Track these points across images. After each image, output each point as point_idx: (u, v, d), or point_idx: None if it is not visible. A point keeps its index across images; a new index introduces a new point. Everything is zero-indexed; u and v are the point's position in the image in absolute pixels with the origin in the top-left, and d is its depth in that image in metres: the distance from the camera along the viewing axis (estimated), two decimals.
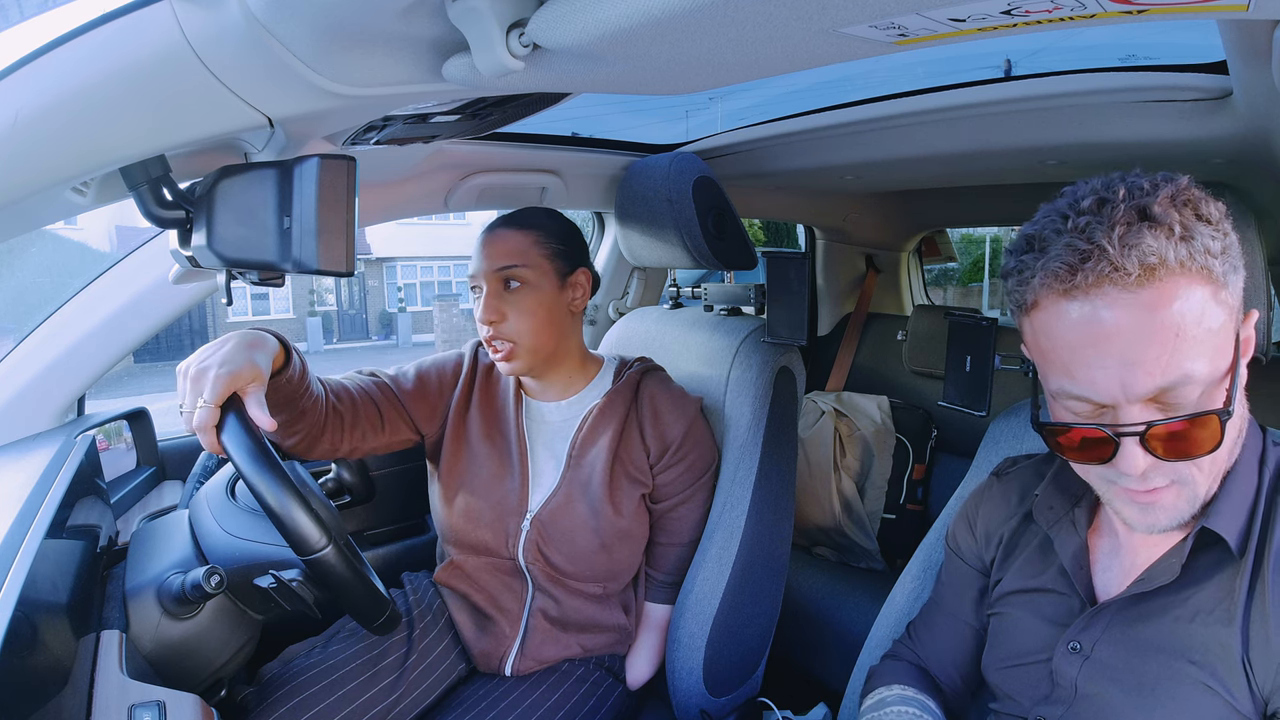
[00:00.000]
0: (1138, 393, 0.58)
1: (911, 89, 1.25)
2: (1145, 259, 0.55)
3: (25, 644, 0.60)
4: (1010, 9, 0.51)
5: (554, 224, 1.22)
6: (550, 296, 1.18)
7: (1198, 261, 0.56)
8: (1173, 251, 0.56)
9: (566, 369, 1.25)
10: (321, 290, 19.01)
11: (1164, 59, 0.97)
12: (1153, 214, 0.57)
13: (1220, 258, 0.57)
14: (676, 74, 0.67)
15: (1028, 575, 0.80)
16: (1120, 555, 0.74)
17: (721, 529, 1.26)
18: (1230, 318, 0.59)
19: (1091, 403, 0.61)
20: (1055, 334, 0.61)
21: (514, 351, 1.16)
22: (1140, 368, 0.57)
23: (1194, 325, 0.56)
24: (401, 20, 0.59)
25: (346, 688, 1.10)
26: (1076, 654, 0.71)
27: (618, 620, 1.24)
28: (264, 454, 0.85)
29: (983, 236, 18.36)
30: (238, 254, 0.75)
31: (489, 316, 1.15)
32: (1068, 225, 0.59)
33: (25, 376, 1.17)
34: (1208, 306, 0.57)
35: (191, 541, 0.97)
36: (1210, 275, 0.57)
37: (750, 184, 1.80)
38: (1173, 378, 0.57)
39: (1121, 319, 0.57)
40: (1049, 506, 0.79)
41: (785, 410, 1.34)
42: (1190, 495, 0.63)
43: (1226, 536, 0.63)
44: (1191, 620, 0.65)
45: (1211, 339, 0.58)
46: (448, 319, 15.67)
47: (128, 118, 0.63)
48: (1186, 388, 0.57)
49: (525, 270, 1.15)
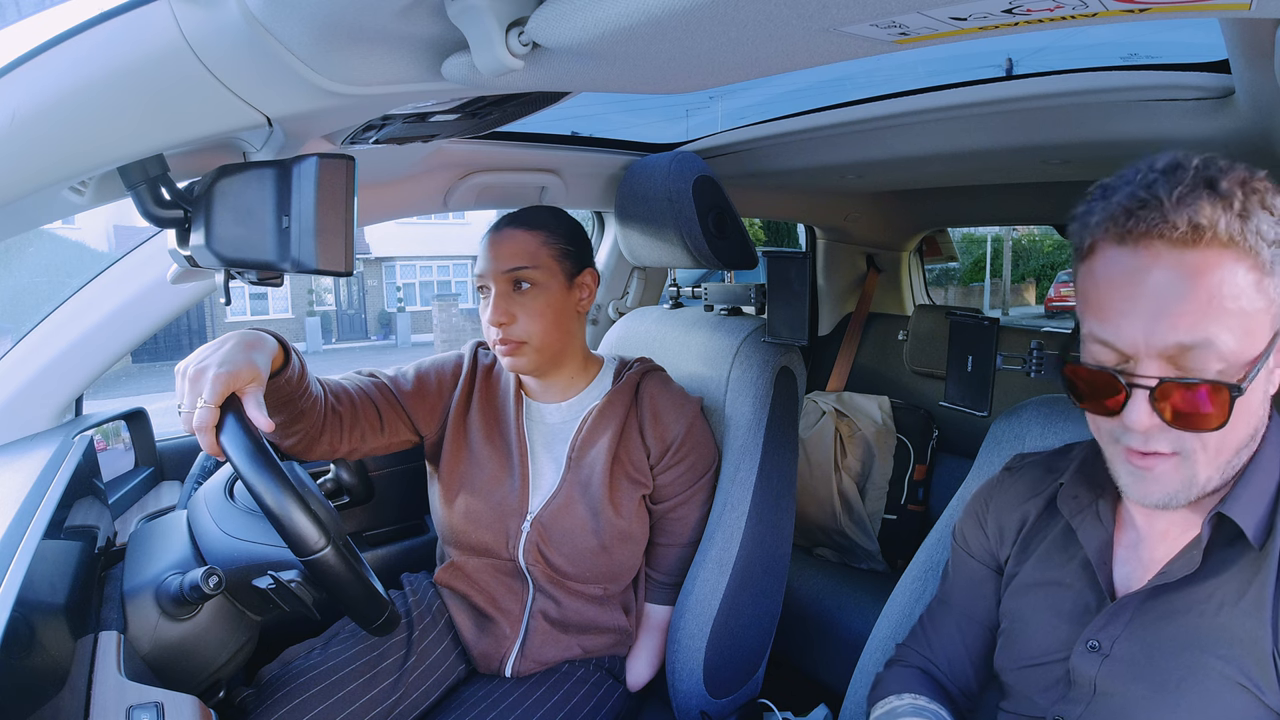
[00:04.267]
0: (1158, 345, 0.59)
1: (913, 88, 1.25)
2: (1195, 219, 0.57)
3: (23, 645, 0.60)
4: (1012, 8, 0.50)
5: (561, 224, 1.21)
6: (559, 297, 1.17)
7: (1248, 241, 0.57)
8: (1224, 222, 0.57)
9: (569, 370, 1.25)
10: (320, 290, 19.01)
11: (1166, 58, 0.97)
12: (1218, 185, 0.58)
13: (1273, 247, 0.58)
14: (676, 73, 0.67)
15: (1048, 567, 0.79)
16: (1140, 550, 0.73)
17: (722, 530, 1.26)
18: (1269, 309, 0.60)
19: (1115, 350, 0.62)
20: (1099, 276, 0.63)
21: (522, 349, 1.16)
22: (1166, 321, 0.58)
23: (1230, 299, 0.57)
24: (400, 19, 0.59)
25: (346, 689, 1.10)
26: (1095, 652, 0.70)
27: (618, 622, 1.24)
28: (262, 454, 0.85)
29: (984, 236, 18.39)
30: (236, 254, 0.74)
31: (499, 318, 1.14)
32: (1137, 179, 0.61)
33: (23, 376, 1.17)
34: (1248, 287, 0.58)
35: (190, 542, 0.97)
36: (1258, 259, 0.58)
37: (750, 183, 1.80)
38: (1195, 338, 0.58)
39: (1161, 273, 0.58)
40: (1073, 496, 0.79)
41: (786, 410, 1.34)
42: (1188, 474, 0.63)
43: (1242, 524, 0.63)
44: (1216, 614, 0.64)
45: (1244, 319, 0.58)
46: (447, 319, 15.65)
47: (126, 117, 0.63)
48: (1206, 353, 0.58)
49: (534, 271, 1.15)
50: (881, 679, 0.91)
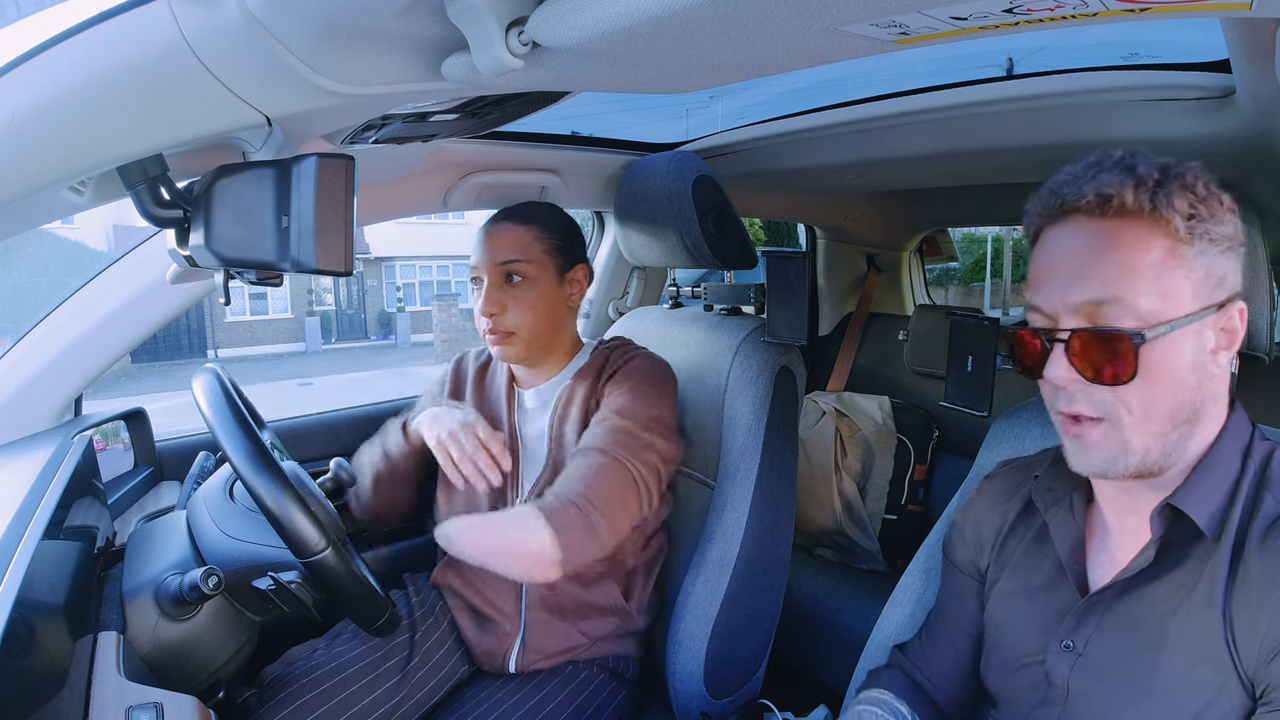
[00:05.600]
0: (1073, 302, 0.64)
1: (913, 88, 1.25)
2: (1102, 190, 0.62)
3: (22, 646, 0.60)
4: (1012, 7, 0.50)
5: (555, 219, 1.23)
6: (550, 291, 1.20)
7: (1160, 212, 0.61)
8: (1132, 194, 0.62)
9: (555, 359, 1.27)
10: (320, 290, 18.99)
11: (1167, 57, 0.97)
12: (1135, 169, 0.63)
13: (1191, 220, 0.61)
14: (676, 72, 0.67)
15: (1025, 569, 0.80)
16: (1111, 548, 0.74)
17: (722, 530, 1.25)
18: (1189, 276, 0.62)
19: (1042, 313, 0.67)
20: (1037, 255, 0.69)
21: (511, 340, 1.18)
22: (1079, 282, 0.64)
23: (1144, 264, 0.62)
24: (400, 18, 0.59)
25: (349, 690, 1.10)
26: (1069, 652, 0.71)
27: (614, 600, 1.21)
28: (262, 455, 0.85)
29: (984, 236, 18.37)
30: (235, 253, 0.74)
31: (490, 309, 1.17)
32: (1067, 170, 0.67)
33: (22, 376, 1.17)
34: (1161, 253, 0.62)
35: (189, 542, 0.97)
36: (1170, 227, 0.61)
37: (750, 183, 1.80)
38: (1106, 294, 0.62)
39: (1080, 240, 0.64)
40: (1048, 488, 0.80)
41: (786, 410, 1.34)
42: (1120, 440, 0.65)
43: (1194, 515, 0.65)
44: (1177, 610, 0.65)
45: (1157, 282, 0.62)
46: (446, 319, 15.63)
47: (125, 116, 0.62)
48: (1119, 309, 0.62)
49: (527, 265, 1.17)
50: (872, 675, 0.93)
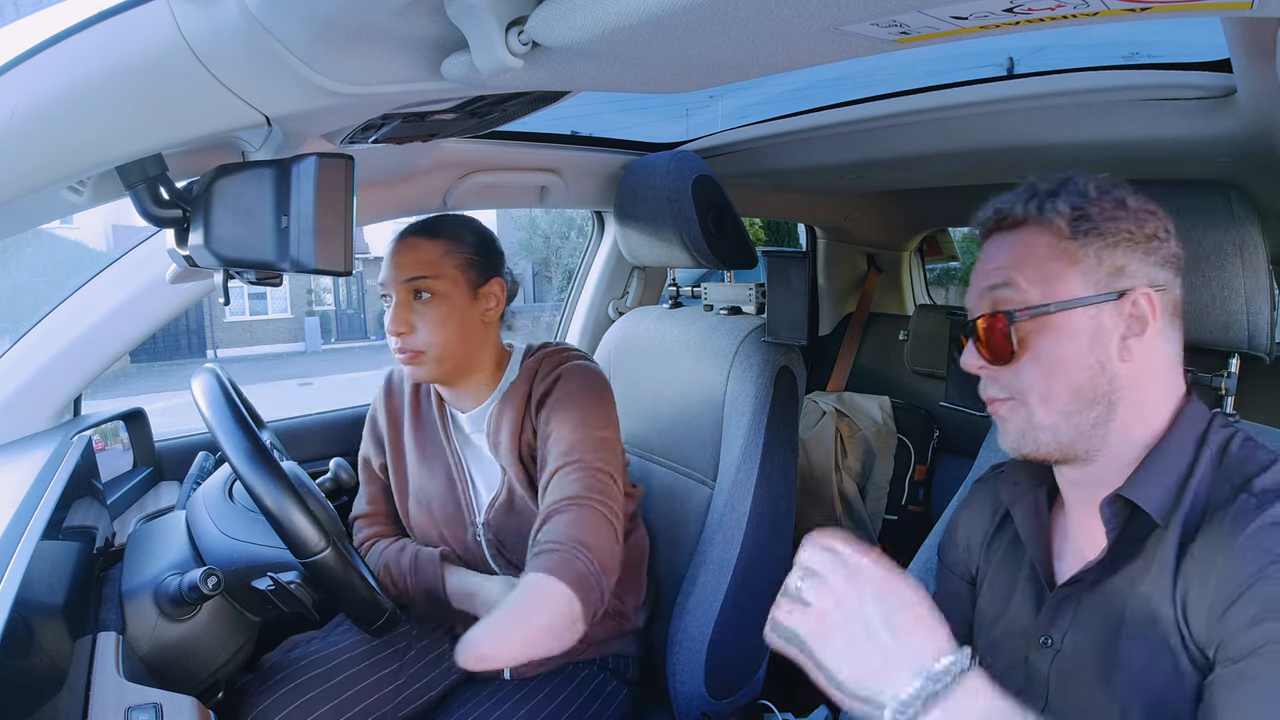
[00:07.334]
0: (977, 291, 0.75)
1: (913, 87, 1.24)
2: (999, 208, 0.75)
3: (21, 646, 0.59)
4: (1013, 7, 0.50)
5: (468, 232, 1.16)
6: (461, 308, 1.13)
7: (1045, 216, 0.71)
8: (1021, 207, 0.73)
9: (480, 377, 1.19)
10: (319, 290, 18.97)
11: (1167, 57, 0.97)
12: (1034, 186, 0.74)
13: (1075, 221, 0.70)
14: (676, 72, 0.67)
15: (1006, 569, 0.81)
16: (1078, 543, 0.76)
17: (722, 530, 1.25)
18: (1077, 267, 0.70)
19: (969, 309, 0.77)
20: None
21: (420, 359, 1.12)
22: (984, 276, 0.75)
23: (1028, 256, 0.72)
24: (400, 18, 0.59)
25: (345, 674, 1.11)
26: (1048, 648, 0.73)
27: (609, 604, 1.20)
28: (262, 455, 0.85)
29: None
30: (235, 253, 0.74)
31: (397, 328, 1.10)
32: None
33: (21, 376, 1.17)
34: (1046, 247, 0.71)
35: (189, 543, 0.97)
36: (1055, 228, 0.71)
37: (750, 183, 1.79)
38: (999, 279, 0.73)
39: (990, 249, 0.76)
40: (1014, 482, 0.82)
41: (786, 410, 1.34)
42: (1026, 416, 0.71)
43: (1142, 503, 0.67)
44: (1135, 597, 0.67)
45: (1042, 270, 0.71)
46: None
47: (124, 116, 0.62)
48: (1010, 293, 0.71)
49: (435, 281, 1.10)
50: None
